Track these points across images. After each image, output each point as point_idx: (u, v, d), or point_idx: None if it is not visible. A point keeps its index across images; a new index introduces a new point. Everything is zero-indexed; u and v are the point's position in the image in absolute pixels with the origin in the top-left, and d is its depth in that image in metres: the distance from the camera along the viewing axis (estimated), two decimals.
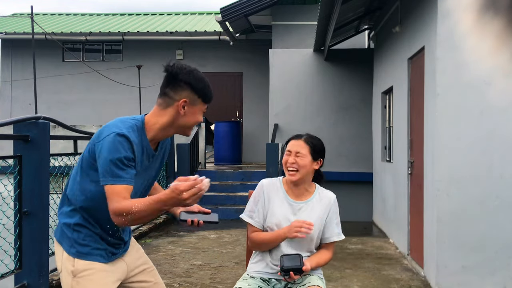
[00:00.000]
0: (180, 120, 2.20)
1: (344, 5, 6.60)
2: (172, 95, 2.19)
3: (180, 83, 2.18)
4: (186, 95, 2.18)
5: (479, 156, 4.62)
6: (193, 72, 2.20)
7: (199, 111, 2.24)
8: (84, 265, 2.19)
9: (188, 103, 2.18)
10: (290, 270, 2.54)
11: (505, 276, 4.54)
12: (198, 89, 2.20)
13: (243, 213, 2.78)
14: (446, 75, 4.70)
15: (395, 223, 6.97)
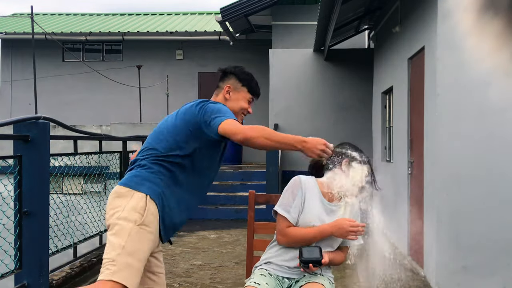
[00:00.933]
0: (228, 104, 2.61)
1: (344, 5, 6.60)
2: (221, 85, 2.69)
3: (227, 74, 2.69)
4: (231, 82, 2.67)
5: (479, 156, 4.62)
6: (240, 67, 2.71)
7: (243, 98, 2.67)
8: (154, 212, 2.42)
9: (232, 88, 2.65)
10: (309, 262, 2.53)
11: (505, 276, 4.54)
12: (242, 78, 2.66)
13: (277, 206, 2.70)
14: (446, 75, 4.70)
15: (395, 223, 6.96)
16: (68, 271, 5.05)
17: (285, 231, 2.66)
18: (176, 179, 2.51)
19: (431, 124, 4.94)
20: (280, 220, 2.68)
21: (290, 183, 2.74)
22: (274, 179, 8.68)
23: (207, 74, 14.22)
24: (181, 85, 14.04)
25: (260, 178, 9.84)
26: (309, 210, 2.68)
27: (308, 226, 2.65)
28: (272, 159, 8.73)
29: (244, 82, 2.66)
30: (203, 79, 14.24)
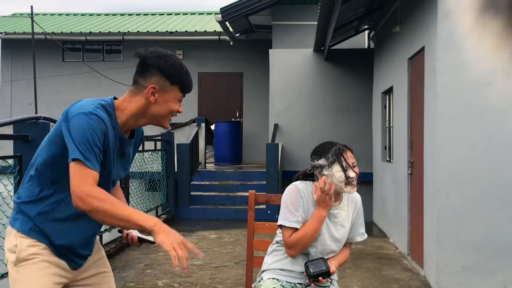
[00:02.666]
0: (151, 109, 2.02)
1: (344, 5, 6.60)
2: (141, 82, 2.01)
3: (148, 68, 2.01)
4: (155, 81, 2.00)
5: (479, 156, 4.62)
6: (165, 56, 2.01)
7: (173, 99, 2.04)
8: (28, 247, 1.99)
9: (157, 89, 2.00)
10: (318, 276, 2.51)
11: (505, 276, 4.55)
12: (169, 75, 2.00)
13: (283, 219, 2.62)
14: (446, 75, 4.70)
15: (395, 223, 6.97)
16: None
17: (291, 241, 2.58)
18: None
19: (431, 124, 4.94)
20: (287, 233, 2.59)
21: (288, 192, 2.66)
22: (274, 179, 8.68)
23: (207, 74, 14.22)
24: None
25: (260, 178, 9.84)
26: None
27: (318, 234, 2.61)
28: (272, 159, 8.73)
29: (175, 80, 2.01)
30: (203, 79, 14.24)
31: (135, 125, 2.06)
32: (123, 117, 2.01)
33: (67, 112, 1.94)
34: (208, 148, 12.66)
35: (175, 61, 2.02)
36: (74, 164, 1.84)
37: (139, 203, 7.60)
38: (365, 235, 2.77)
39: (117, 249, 6.28)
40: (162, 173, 8.74)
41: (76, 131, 1.87)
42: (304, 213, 2.61)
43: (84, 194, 1.81)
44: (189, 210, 9.26)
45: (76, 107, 1.93)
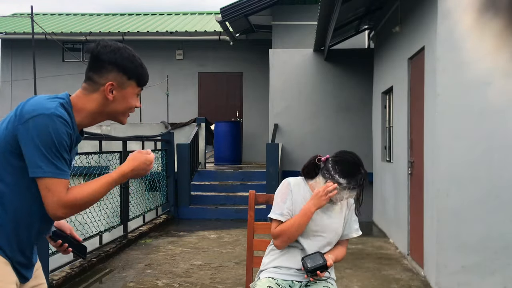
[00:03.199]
0: (110, 107, 1.90)
1: (344, 5, 6.60)
2: (97, 79, 1.87)
3: (104, 64, 1.86)
4: (113, 77, 1.87)
5: (479, 156, 4.62)
6: (120, 50, 1.88)
7: (131, 94, 1.92)
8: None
9: (116, 86, 1.87)
10: (316, 270, 2.54)
11: (505, 276, 4.54)
12: (127, 69, 1.88)
13: (271, 212, 2.69)
14: (446, 75, 4.70)
15: (395, 223, 6.97)
16: (68, 271, 5.05)
17: (276, 231, 2.65)
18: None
19: (431, 124, 4.94)
20: (273, 224, 2.68)
21: (279, 186, 2.75)
22: (274, 179, 8.68)
23: (207, 74, 14.22)
24: (181, 85, 14.04)
25: (260, 178, 9.84)
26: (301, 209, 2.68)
27: (309, 227, 2.64)
28: (272, 159, 8.73)
29: (130, 73, 1.89)
30: (203, 79, 14.25)
31: (91, 124, 1.95)
32: (79, 117, 1.88)
33: (22, 111, 1.77)
34: (208, 148, 12.67)
35: (129, 54, 1.90)
36: (43, 180, 1.74)
37: (139, 203, 7.60)
38: (360, 232, 2.80)
39: (117, 249, 6.29)
40: (162, 173, 8.74)
41: (42, 137, 1.72)
42: (292, 205, 2.66)
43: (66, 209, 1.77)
44: (189, 210, 9.26)
45: (33, 106, 1.77)
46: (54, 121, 1.74)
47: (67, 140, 1.78)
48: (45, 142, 1.73)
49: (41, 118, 1.73)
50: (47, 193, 1.75)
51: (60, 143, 1.75)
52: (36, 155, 1.73)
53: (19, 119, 1.76)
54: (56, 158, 1.74)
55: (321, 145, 9.34)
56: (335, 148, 10.63)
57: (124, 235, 6.75)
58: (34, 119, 1.73)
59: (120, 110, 1.93)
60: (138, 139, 7.96)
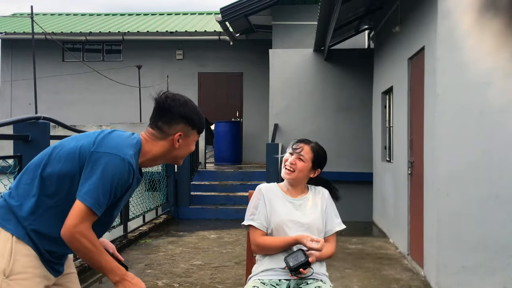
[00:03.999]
0: (174, 153, 2.13)
1: (344, 5, 6.60)
2: (166, 129, 2.08)
3: (174, 117, 2.08)
4: (181, 128, 2.09)
5: (479, 156, 4.62)
6: (187, 104, 2.10)
7: (192, 141, 2.16)
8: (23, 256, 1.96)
9: (183, 136, 2.10)
10: (298, 268, 2.56)
11: (505, 276, 4.54)
12: (194, 122, 2.11)
13: (245, 220, 2.80)
14: (446, 75, 4.70)
15: (395, 223, 6.97)
16: None
17: (255, 240, 2.74)
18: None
19: (431, 124, 4.94)
20: (250, 231, 2.77)
21: (253, 194, 2.86)
22: (274, 179, 8.68)
23: (207, 74, 14.22)
24: (181, 85, 14.04)
25: (260, 178, 9.84)
26: (276, 211, 2.76)
27: (286, 226, 2.71)
28: (272, 159, 8.73)
29: (196, 125, 2.12)
30: (203, 79, 14.25)
31: (151, 164, 2.16)
32: (144, 158, 2.09)
33: (101, 143, 1.98)
34: (208, 148, 12.67)
35: (194, 107, 2.12)
36: (82, 205, 1.90)
37: (139, 203, 7.60)
38: (343, 225, 2.85)
39: (117, 249, 6.28)
40: (162, 173, 8.74)
41: (106, 174, 1.92)
42: (266, 208, 2.76)
43: (78, 234, 1.88)
44: (189, 210, 9.26)
45: (113, 144, 1.98)
46: (125, 168, 1.95)
47: (123, 186, 1.97)
48: (106, 178, 1.91)
49: (116, 159, 1.94)
50: (77, 214, 1.89)
51: (117, 186, 1.94)
52: (92, 184, 1.90)
53: (97, 147, 1.96)
54: (104, 195, 1.91)
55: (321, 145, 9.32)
56: (335, 148, 10.64)
57: (124, 235, 6.75)
58: (111, 156, 1.94)
59: (181, 155, 2.15)
60: None
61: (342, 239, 7.13)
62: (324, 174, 2.98)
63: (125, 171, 1.95)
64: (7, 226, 1.96)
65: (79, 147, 1.99)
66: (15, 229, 1.96)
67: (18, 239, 1.95)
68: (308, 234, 2.69)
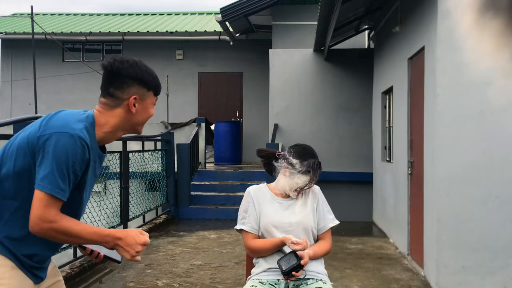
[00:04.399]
0: (132, 120, 1.97)
1: (344, 5, 6.60)
2: (119, 95, 1.92)
3: (125, 80, 1.92)
4: (135, 91, 1.94)
5: (479, 156, 4.62)
6: (137, 64, 1.95)
7: (150, 105, 2.01)
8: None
9: (138, 99, 1.94)
10: (291, 271, 2.56)
11: (505, 276, 4.54)
12: (147, 83, 1.96)
13: (237, 224, 2.83)
14: (446, 75, 4.70)
15: (395, 223, 6.97)
16: (68, 271, 5.05)
17: (248, 244, 2.77)
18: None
19: (431, 124, 4.94)
20: (243, 234, 2.80)
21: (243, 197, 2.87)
22: (274, 179, 8.66)
23: (207, 74, 14.22)
24: (181, 85, 14.04)
25: (260, 178, 9.84)
26: (266, 212, 2.76)
27: (276, 227, 2.71)
28: None
29: (150, 85, 1.97)
30: (203, 79, 14.24)
31: (111, 138, 1.99)
32: (101, 133, 1.94)
33: (47, 125, 1.83)
34: (208, 148, 12.66)
35: (145, 67, 1.97)
36: (41, 194, 1.76)
37: (139, 203, 7.60)
38: (336, 221, 2.85)
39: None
40: (162, 173, 8.74)
41: (57, 155, 1.76)
42: (256, 211, 2.77)
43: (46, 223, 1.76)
44: (189, 210, 9.26)
45: (59, 123, 1.83)
46: (76, 144, 1.79)
47: (81, 164, 1.82)
48: (60, 159, 1.76)
49: (65, 137, 1.78)
50: (38, 204, 1.76)
51: (74, 165, 1.79)
52: (46, 169, 1.76)
53: (43, 130, 1.81)
54: (62, 177, 1.77)
55: (321, 145, 9.33)
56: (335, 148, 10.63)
57: None
58: (58, 135, 1.79)
59: (140, 121, 1.99)
60: (138, 139, 7.96)
61: (342, 239, 7.13)
62: (325, 174, 2.99)
63: (77, 147, 1.79)
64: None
65: (27, 137, 1.84)
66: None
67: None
68: (298, 232, 2.70)
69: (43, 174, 1.75)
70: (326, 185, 2.92)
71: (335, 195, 2.72)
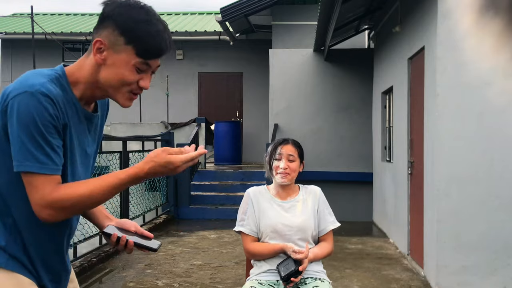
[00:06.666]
0: (101, 74, 1.50)
1: (344, 5, 6.60)
2: (94, 36, 1.50)
3: (102, 19, 1.49)
4: (105, 34, 1.47)
5: (479, 156, 4.62)
6: (129, 5, 1.49)
7: (125, 64, 1.48)
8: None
9: (107, 46, 1.47)
10: (290, 277, 2.57)
11: (505, 276, 4.54)
12: (124, 27, 1.46)
13: (236, 226, 2.84)
14: (446, 75, 4.70)
15: (395, 223, 6.97)
16: None
17: (246, 247, 2.77)
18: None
19: (431, 124, 4.94)
20: (242, 236, 2.81)
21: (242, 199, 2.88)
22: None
23: (207, 74, 14.22)
24: (181, 85, 14.04)
25: (260, 178, 9.84)
26: (265, 215, 2.75)
27: (275, 230, 2.70)
28: None
29: (130, 38, 1.47)
30: (203, 79, 14.24)
31: (92, 97, 1.58)
32: (77, 88, 1.54)
33: (6, 92, 1.45)
34: (208, 148, 12.66)
35: (140, 12, 1.50)
36: (25, 175, 1.43)
37: (139, 203, 7.60)
38: (337, 223, 2.84)
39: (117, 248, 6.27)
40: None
41: (22, 122, 1.39)
42: (255, 213, 2.76)
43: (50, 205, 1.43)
44: (189, 210, 9.25)
45: (17, 84, 1.44)
46: (38, 101, 1.40)
47: (56, 124, 1.44)
48: (27, 128, 1.40)
49: (23, 97, 1.40)
50: (31, 189, 1.43)
51: (47, 129, 1.41)
52: (16, 145, 1.41)
53: (5, 99, 1.44)
54: (39, 148, 1.41)
55: (321, 145, 9.34)
56: (335, 148, 10.63)
57: None
58: (16, 98, 1.41)
59: (111, 81, 1.51)
60: (138, 139, 7.97)
61: (342, 239, 7.13)
62: (325, 174, 2.99)
63: (41, 106, 1.40)
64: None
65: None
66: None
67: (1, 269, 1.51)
68: (298, 236, 2.69)
69: (15, 150, 1.41)
70: (326, 185, 2.91)
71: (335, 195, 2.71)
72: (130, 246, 1.65)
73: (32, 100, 1.40)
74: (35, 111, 1.40)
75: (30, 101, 1.40)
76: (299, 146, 2.83)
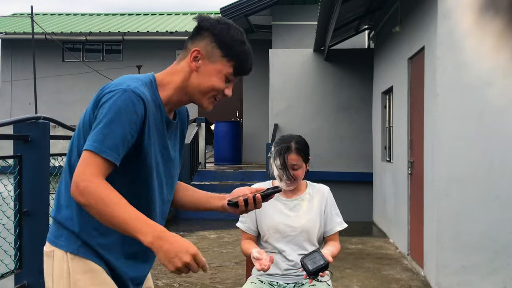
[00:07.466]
0: (192, 79, 1.64)
1: (344, 5, 6.60)
2: (189, 45, 1.66)
3: (200, 31, 1.65)
4: (203, 45, 1.63)
5: (479, 156, 4.62)
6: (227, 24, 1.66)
7: (218, 73, 1.65)
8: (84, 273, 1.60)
9: (203, 55, 1.63)
10: (318, 272, 2.40)
11: (505, 276, 4.54)
12: (223, 42, 1.63)
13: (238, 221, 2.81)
14: (446, 75, 4.70)
15: (395, 223, 6.97)
16: None
17: (241, 243, 2.76)
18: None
19: (431, 124, 4.94)
20: (243, 233, 2.79)
21: None
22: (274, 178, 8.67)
23: None
24: None
25: (260, 178, 9.83)
26: (268, 214, 2.68)
27: (277, 230, 2.65)
28: None
29: (228, 52, 1.65)
30: None
31: (178, 101, 1.70)
32: (166, 93, 1.66)
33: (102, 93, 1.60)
34: (208, 148, 12.66)
35: (237, 33, 1.68)
36: (85, 152, 1.51)
37: None
38: (344, 224, 2.78)
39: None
40: None
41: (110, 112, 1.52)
42: (255, 212, 2.67)
43: (84, 182, 1.47)
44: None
45: (112, 85, 1.60)
46: (129, 97, 1.54)
47: (137, 119, 1.54)
48: (110, 117, 1.51)
49: (117, 92, 1.54)
50: (81, 162, 1.50)
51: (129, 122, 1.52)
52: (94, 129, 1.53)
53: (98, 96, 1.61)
54: (112, 135, 1.50)
55: (321, 145, 9.33)
56: (335, 148, 10.61)
57: None
58: (110, 94, 1.56)
59: (201, 86, 1.65)
60: None
61: (342, 239, 7.10)
62: (325, 174, 2.98)
63: (130, 101, 1.52)
64: (59, 243, 1.63)
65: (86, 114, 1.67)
66: (67, 244, 1.61)
67: (73, 255, 1.60)
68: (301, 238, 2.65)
69: (92, 134, 1.53)
70: (326, 185, 2.87)
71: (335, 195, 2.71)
72: (259, 200, 1.80)
73: (124, 95, 1.54)
74: (123, 104, 1.53)
75: (123, 96, 1.54)
76: (302, 150, 2.67)
